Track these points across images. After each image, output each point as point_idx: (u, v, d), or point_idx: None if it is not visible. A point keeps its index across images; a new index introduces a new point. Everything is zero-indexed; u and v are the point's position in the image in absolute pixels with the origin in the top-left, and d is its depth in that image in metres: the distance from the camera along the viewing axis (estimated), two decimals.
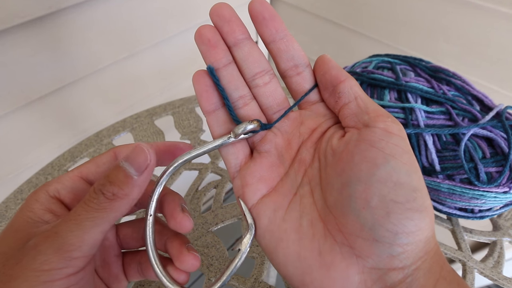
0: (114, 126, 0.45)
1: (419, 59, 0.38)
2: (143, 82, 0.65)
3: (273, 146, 0.20)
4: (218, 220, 0.36)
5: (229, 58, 0.20)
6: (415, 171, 0.16)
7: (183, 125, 0.46)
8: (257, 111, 0.21)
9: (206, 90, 0.20)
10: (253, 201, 0.20)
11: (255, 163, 0.20)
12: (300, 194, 0.19)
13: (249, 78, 0.21)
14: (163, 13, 0.59)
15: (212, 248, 0.33)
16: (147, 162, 0.18)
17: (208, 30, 0.19)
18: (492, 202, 0.30)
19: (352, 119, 0.18)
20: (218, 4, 0.19)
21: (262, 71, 0.20)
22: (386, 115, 0.18)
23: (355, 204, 0.16)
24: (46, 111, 0.52)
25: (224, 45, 0.20)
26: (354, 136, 0.18)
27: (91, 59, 0.53)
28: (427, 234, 0.16)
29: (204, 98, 0.20)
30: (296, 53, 0.20)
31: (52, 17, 0.45)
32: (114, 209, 0.17)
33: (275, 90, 0.21)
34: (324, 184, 0.18)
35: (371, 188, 0.16)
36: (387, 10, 0.59)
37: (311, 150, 0.20)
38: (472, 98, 0.34)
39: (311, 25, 0.75)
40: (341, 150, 0.18)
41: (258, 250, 0.33)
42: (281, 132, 0.21)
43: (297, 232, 0.18)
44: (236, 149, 0.21)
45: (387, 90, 0.34)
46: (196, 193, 0.39)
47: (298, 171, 0.20)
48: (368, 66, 0.38)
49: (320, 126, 0.20)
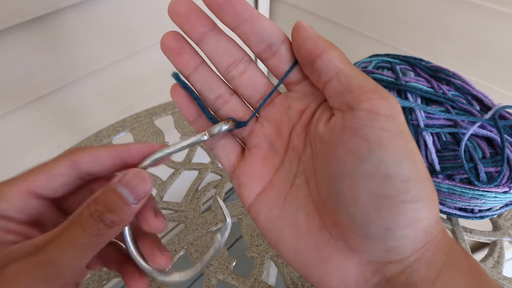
0: (114, 126, 0.45)
1: (419, 59, 0.38)
2: (143, 82, 0.65)
3: (262, 139, 0.20)
4: (218, 220, 0.36)
5: (197, 60, 0.19)
6: (406, 157, 0.14)
7: (183, 125, 0.46)
8: (238, 106, 0.20)
9: (184, 101, 0.20)
10: (250, 200, 0.19)
11: (246, 162, 0.20)
12: (296, 186, 0.18)
13: (223, 72, 0.19)
14: (162, 13, 0.59)
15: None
16: (147, 191, 0.17)
17: (169, 38, 0.18)
18: (492, 202, 0.30)
19: (336, 99, 0.16)
20: (173, 1, 0.17)
21: (235, 61, 0.19)
22: (373, 90, 0.15)
23: (343, 202, 0.15)
24: (45, 110, 0.52)
25: (189, 47, 0.19)
26: (338, 122, 0.16)
27: (91, 59, 0.53)
28: (427, 223, 0.15)
29: (185, 109, 0.20)
30: (265, 32, 0.17)
31: (51, 16, 0.45)
32: (111, 235, 0.17)
33: (253, 77, 0.19)
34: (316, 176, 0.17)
35: (357, 185, 0.15)
36: (387, 10, 0.59)
37: (302, 135, 0.19)
38: (472, 98, 0.34)
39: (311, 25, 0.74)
40: (327, 139, 0.16)
41: (258, 250, 0.33)
42: (269, 121, 0.20)
43: (294, 228, 0.18)
44: (227, 151, 0.20)
45: (387, 90, 0.34)
46: (196, 193, 0.39)
47: (293, 159, 0.19)
48: (368, 66, 0.38)
49: (309, 107, 0.19)
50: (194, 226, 0.35)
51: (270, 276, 0.73)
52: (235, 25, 0.17)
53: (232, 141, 0.21)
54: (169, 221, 0.36)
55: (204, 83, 0.19)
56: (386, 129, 0.14)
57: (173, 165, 0.41)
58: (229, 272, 0.31)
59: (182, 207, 0.37)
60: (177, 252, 0.33)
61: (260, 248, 0.33)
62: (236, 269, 0.32)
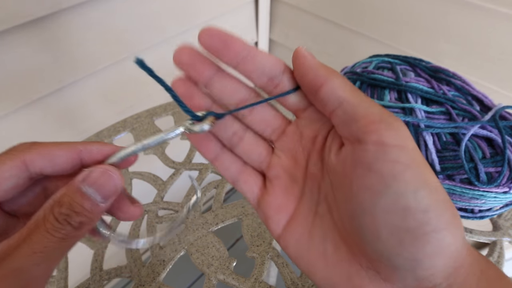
0: (114, 126, 0.45)
1: (419, 59, 0.38)
2: (143, 82, 0.65)
3: (280, 170, 0.20)
4: (218, 220, 0.36)
5: (208, 101, 0.20)
6: (423, 186, 0.14)
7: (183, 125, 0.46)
8: (254, 142, 0.20)
9: (202, 142, 0.20)
10: (278, 231, 0.19)
11: (269, 194, 0.20)
12: (319, 214, 0.18)
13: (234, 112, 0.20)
14: (163, 13, 0.59)
15: (212, 248, 0.33)
16: (116, 189, 0.17)
17: (178, 85, 0.19)
18: (492, 202, 0.30)
19: (342, 128, 0.16)
20: (176, 52, 0.18)
21: (243, 99, 0.19)
22: (379, 120, 0.15)
23: (366, 236, 0.15)
24: (46, 111, 0.52)
25: (198, 91, 0.19)
26: (349, 155, 0.16)
27: (92, 59, 0.53)
28: (454, 249, 0.14)
29: (203, 149, 0.20)
30: (265, 67, 0.17)
31: (52, 17, 0.45)
32: (80, 236, 0.16)
33: (263, 113, 0.20)
34: (337, 207, 0.17)
35: (378, 219, 0.15)
36: (387, 11, 0.59)
37: (319, 163, 0.19)
38: (472, 98, 0.34)
39: (311, 25, 0.75)
40: (340, 171, 0.16)
41: (258, 250, 0.33)
42: (284, 152, 0.20)
43: (324, 258, 0.18)
44: (249, 185, 0.20)
45: (387, 90, 0.34)
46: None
47: (313, 187, 0.19)
48: (368, 66, 0.38)
49: (320, 133, 0.19)
50: (194, 226, 0.35)
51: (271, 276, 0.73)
52: (235, 64, 0.18)
53: (253, 175, 0.21)
54: (169, 221, 0.36)
55: (219, 123, 0.20)
56: (398, 161, 0.14)
57: (174, 165, 0.41)
58: (230, 272, 0.32)
59: (182, 207, 0.37)
60: (177, 252, 0.33)
61: (260, 248, 0.33)
62: (237, 269, 0.32)
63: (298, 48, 0.17)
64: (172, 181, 0.40)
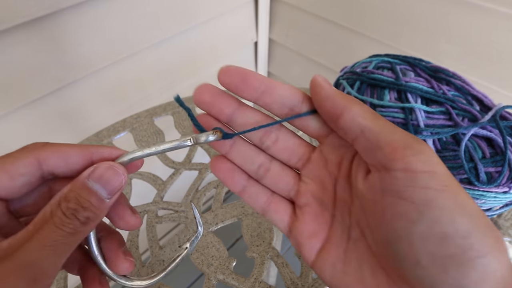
0: (114, 126, 0.45)
1: (419, 59, 0.38)
2: (143, 82, 0.65)
3: (309, 197, 0.20)
4: (218, 220, 0.36)
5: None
6: (459, 212, 0.14)
7: (183, 125, 0.46)
8: (281, 171, 0.20)
9: (227, 174, 0.20)
10: (312, 258, 0.19)
11: (300, 221, 0.20)
12: (353, 239, 0.18)
13: (258, 143, 0.20)
14: (162, 13, 0.59)
15: (212, 248, 0.33)
16: (121, 185, 0.17)
17: (202, 122, 0.19)
18: (492, 202, 0.30)
19: (367, 155, 0.16)
20: (197, 91, 0.18)
21: (266, 132, 0.19)
22: (403, 146, 0.14)
23: (405, 263, 0.15)
24: (46, 111, 0.52)
25: (221, 127, 0.19)
26: (377, 182, 0.15)
27: (91, 59, 0.53)
28: (499, 274, 0.14)
29: (229, 182, 0.20)
30: (284, 98, 0.18)
31: (52, 17, 0.45)
32: (87, 232, 0.16)
33: (286, 142, 0.20)
34: (371, 232, 0.17)
35: (416, 247, 0.14)
36: (387, 10, 0.59)
37: (347, 187, 0.18)
38: (472, 98, 0.34)
39: (311, 25, 0.75)
40: (369, 198, 0.16)
41: (258, 250, 0.33)
42: (311, 179, 0.20)
43: (361, 284, 0.17)
44: (280, 214, 0.20)
45: (387, 90, 0.34)
46: (196, 193, 0.39)
47: (343, 212, 0.19)
48: (368, 66, 0.38)
49: (344, 158, 0.18)
50: (194, 226, 0.35)
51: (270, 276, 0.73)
52: (255, 99, 0.18)
53: (282, 204, 0.21)
54: (169, 221, 0.36)
55: (243, 157, 0.20)
56: (429, 187, 0.14)
57: (173, 165, 0.41)
58: (229, 272, 0.32)
59: (182, 207, 0.37)
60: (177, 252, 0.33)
61: (260, 248, 0.33)
62: (236, 269, 0.32)
63: (314, 77, 0.17)
64: (172, 181, 0.40)
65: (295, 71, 0.88)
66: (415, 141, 0.15)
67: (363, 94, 0.35)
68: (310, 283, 0.31)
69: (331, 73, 0.77)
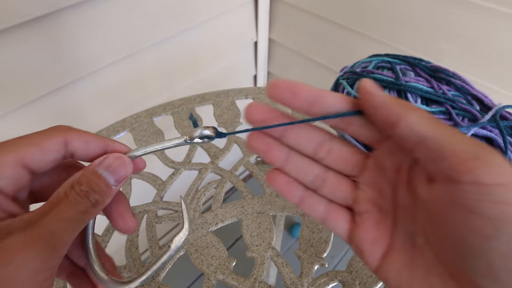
0: (114, 126, 0.45)
1: (419, 59, 0.38)
2: (143, 82, 0.65)
3: (368, 204, 0.19)
4: (218, 220, 0.36)
5: (285, 151, 0.20)
6: None
7: (183, 125, 0.46)
8: (337, 181, 0.20)
9: (285, 188, 0.20)
10: (375, 264, 0.19)
11: (361, 228, 0.19)
12: (419, 246, 0.17)
13: (312, 155, 0.20)
14: (162, 12, 0.59)
15: (212, 248, 0.33)
16: (127, 174, 0.19)
17: (254, 140, 0.19)
18: None
19: (429, 165, 0.15)
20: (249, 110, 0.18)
21: (319, 143, 0.19)
22: (473, 157, 0.13)
23: (482, 280, 0.14)
24: (45, 110, 0.52)
25: (274, 142, 0.20)
26: (444, 194, 0.15)
27: (91, 59, 0.53)
28: None
29: (287, 194, 0.20)
30: (334, 107, 0.17)
31: (51, 16, 0.45)
32: (95, 213, 0.18)
33: (340, 152, 0.20)
34: (438, 242, 0.16)
35: (494, 264, 0.13)
36: (387, 10, 0.59)
37: (408, 194, 0.18)
38: (472, 98, 0.33)
39: (311, 24, 0.75)
40: (436, 209, 0.15)
41: (258, 250, 0.33)
42: (368, 185, 0.19)
43: None
44: (339, 223, 0.20)
45: (387, 90, 0.34)
46: (196, 193, 0.39)
47: (406, 218, 0.18)
48: (368, 66, 0.38)
49: (402, 163, 0.18)
50: (194, 226, 0.35)
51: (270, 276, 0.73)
52: (305, 110, 0.18)
53: (340, 212, 0.20)
54: (169, 221, 0.36)
55: (298, 169, 0.20)
56: (504, 202, 0.13)
57: (173, 165, 0.41)
58: (229, 272, 0.31)
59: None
60: (177, 252, 0.33)
61: (260, 248, 0.33)
62: (236, 269, 0.32)
63: (362, 82, 0.16)
64: (172, 181, 0.40)
65: (295, 71, 0.88)
66: (484, 151, 0.14)
67: None
68: (310, 283, 0.31)
69: (331, 73, 0.77)
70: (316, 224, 0.35)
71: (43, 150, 0.18)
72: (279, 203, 0.37)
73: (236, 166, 0.41)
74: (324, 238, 0.34)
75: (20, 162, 0.17)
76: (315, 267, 0.32)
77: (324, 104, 0.17)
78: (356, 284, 0.31)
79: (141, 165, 0.21)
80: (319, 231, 0.35)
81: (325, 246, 0.33)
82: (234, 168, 0.41)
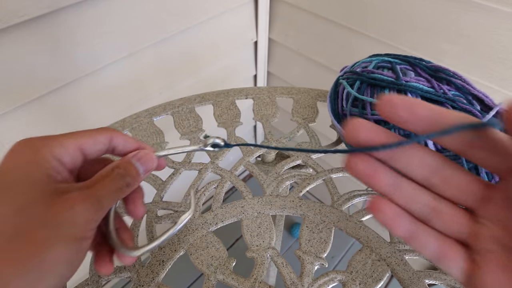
0: (113, 125, 0.45)
1: (419, 59, 0.37)
2: (143, 82, 0.65)
3: (492, 242, 0.17)
4: (218, 220, 0.36)
5: (393, 175, 0.18)
6: None
7: (183, 125, 0.46)
8: (452, 212, 0.18)
9: (394, 219, 0.18)
10: None
11: (483, 271, 0.17)
12: None
13: (422, 182, 0.18)
14: (162, 12, 0.59)
15: (212, 248, 0.33)
16: (153, 167, 0.24)
17: (356, 162, 0.17)
18: None
19: None
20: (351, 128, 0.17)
21: (430, 166, 0.17)
22: None
23: None
24: (45, 110, 0.52)
25: (380, 165, 0.18)
26: None
27: (90, 59, 0.53)
28: None
29: (393, 226, 0.18)
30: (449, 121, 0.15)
31: (51, 16, 0.45)
32: (126, 193, 0.22)
33: (454, 180, 0.17)
34: None
35: None
36: (387, 10, 0.59)
37: None
38: (472, 98, 0.33)
39: (311, 24, 0.74)
40: None
41: (258, 250, 0.33)
42: (492, 221, 0.17)
43: None
44: (456, 261, 0.18)
45: (387, 90, 0.34)
46: (196, 193, 0.39)
47: None
48: (368, 66, 0.38)
49: None
50: (194, 226, 0.35)
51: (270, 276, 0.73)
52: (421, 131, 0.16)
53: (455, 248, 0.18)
54: (169, 221, 0.36)
55: (408, 197, 0.18)
56: None
57: (173, 165, 0.41)
58: (229, 272, 0.31)
59: (182, 207, 0.37)
60: (177, 252, 0.33)
61: (260, 248, 0.33)
62: (236, 269, 0.32)
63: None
64: (172, 181, 0.40)
65: (295, 71, 0.88)
66: None
67: (363, 94, 0.35)
68: (310, 283, 0.31)
69: (331, 73, 0.77)
70: (316, 224, 0.35)
71: (95, 141, 0.23)
72: (279, 203, 0.37)
73: (236, 166, 0.41)
74: (324, 238, 0.34)
75: (79, 147, 0.22)
76: (315, 267, 0.32)
77: (446, 126, 0.15)
78: (356, 284, 0.31)
79: (163, 164, 0.26)
80: (319, 231, 0.35)
81: (325, 246, 0.33)
82: (234, 168, 0.41)
